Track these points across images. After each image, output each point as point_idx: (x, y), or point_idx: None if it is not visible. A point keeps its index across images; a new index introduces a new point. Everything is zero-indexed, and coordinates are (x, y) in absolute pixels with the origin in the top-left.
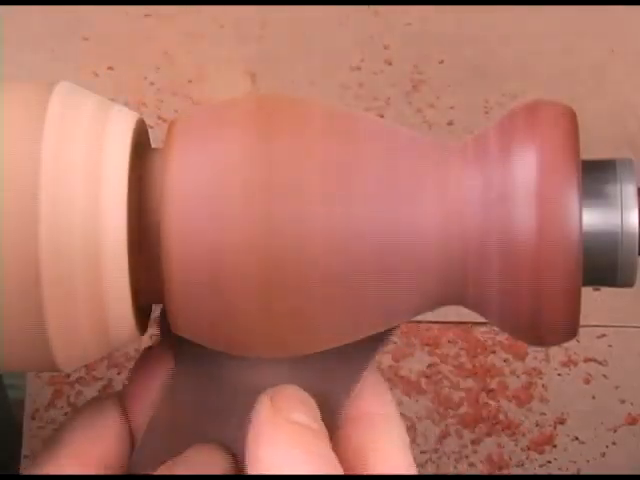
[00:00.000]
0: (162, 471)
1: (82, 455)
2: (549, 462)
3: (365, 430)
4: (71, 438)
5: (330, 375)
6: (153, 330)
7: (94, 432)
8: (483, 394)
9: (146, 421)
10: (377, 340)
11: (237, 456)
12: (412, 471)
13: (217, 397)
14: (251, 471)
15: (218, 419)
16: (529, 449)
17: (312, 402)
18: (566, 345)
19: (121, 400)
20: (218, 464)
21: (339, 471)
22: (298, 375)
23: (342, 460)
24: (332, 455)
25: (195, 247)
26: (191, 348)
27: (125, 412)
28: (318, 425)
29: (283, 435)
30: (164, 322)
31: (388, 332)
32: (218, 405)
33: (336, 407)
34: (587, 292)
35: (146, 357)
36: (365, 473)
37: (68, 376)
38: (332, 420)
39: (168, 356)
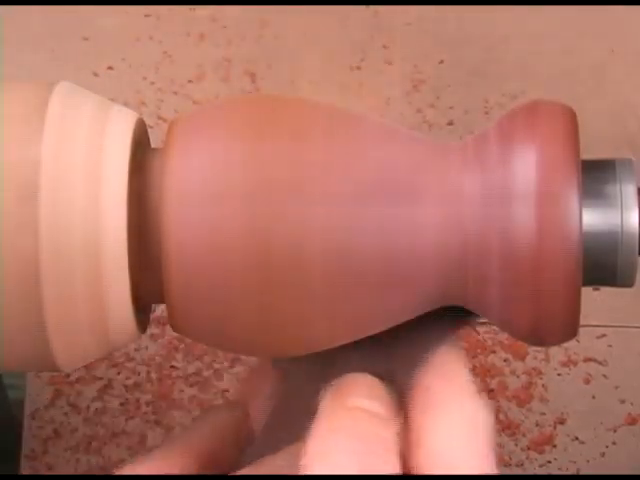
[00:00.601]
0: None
1: (198, 453)
2: (549, 462)
3: (425, 408)
4: (193, 437)
5: (399, 355)
6: (153, 330)
7: (217, 432)
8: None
9: (260, 423)
10: (451, 317)
11: None
12: (476, 452)
13: (303, 400)
14: (301, 460)
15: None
16: (529, 449)
17: (379, 386)
18: (566, 345)
19: (242, 404)
20: None
21: (389, 462)
22: (370, 360)
23: (404, 439)
24: (389, 443)
25: (195, 247)
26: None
27: (247, 415)
28: (382, 408)
29: (334, 422)
30: None
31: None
32: (305, 408)
33: (405, 387)
34: (587, 292)
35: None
36: (422, 453)
37: (68, 376)
38: (402, 400)
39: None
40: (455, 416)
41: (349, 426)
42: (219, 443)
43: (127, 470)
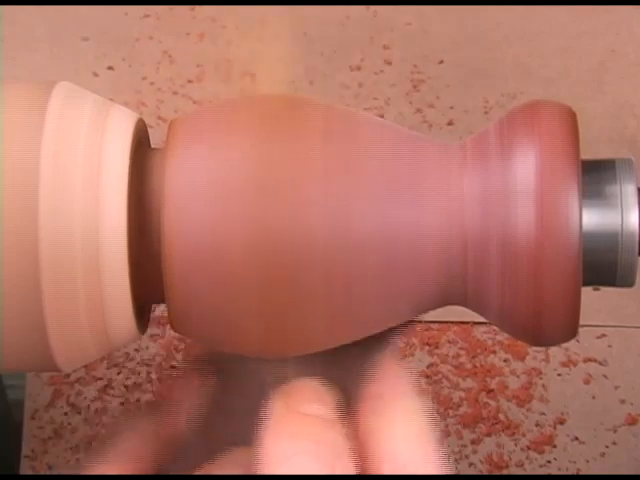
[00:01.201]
0: (209, 471)
1: (128, 458)
2: (549, 462)
3: (377, 413)
4: (117, 442)
5: (348, 362)
6: (153, 330)
7: (138, 437)
8: (483, 394)
9: (184, 426)
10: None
11: None
12: (426, 450)
13: (245, 399)
14: (258, 465)
15: (250, 421)
16: (529, 449)
17: (327, 392)
18: (566, 345)
19: (159, 407)
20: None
21: (347, 463)
22: (317, 366)
23: (356, 443)
24: (343, 445)
25: (195, 247)
26: (220, 356)
27: (165, 418)
28: (332, 415)
29: (290, 427)
30: None
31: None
32: (247, 408)
33: (354, 393)
34: (587, 292)
35: (185, 364)
36: (376, 456)
37: (68, 376)
38: (350, 406)
39: (204, 364)
40: (407, 421)
41: (307, 431)
42: (150, 447)
43: None
